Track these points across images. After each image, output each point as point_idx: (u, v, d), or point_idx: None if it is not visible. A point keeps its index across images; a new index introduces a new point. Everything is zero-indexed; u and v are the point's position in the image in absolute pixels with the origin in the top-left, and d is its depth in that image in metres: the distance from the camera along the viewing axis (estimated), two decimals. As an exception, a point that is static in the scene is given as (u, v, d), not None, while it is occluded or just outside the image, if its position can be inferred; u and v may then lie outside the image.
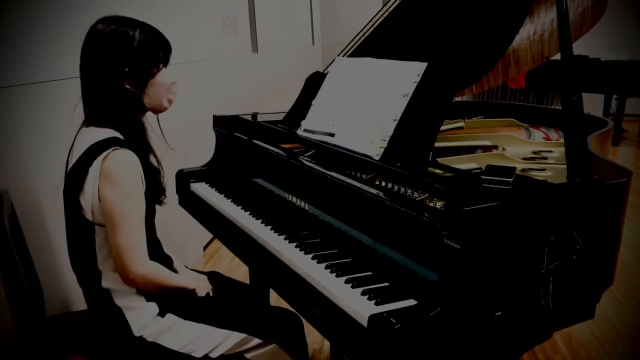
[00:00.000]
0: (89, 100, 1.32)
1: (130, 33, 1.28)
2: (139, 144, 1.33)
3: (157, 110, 1.40)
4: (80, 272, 1.37)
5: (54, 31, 1.78)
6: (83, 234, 1.30)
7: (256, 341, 1.43)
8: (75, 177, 1.27)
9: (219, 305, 1.50)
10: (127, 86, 1.30)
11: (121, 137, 1.30)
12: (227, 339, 1.39)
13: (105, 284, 1.32)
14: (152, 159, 1.40)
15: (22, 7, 1.64)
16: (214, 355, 1.37)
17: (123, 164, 1.24)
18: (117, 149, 1.24)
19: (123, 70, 1.28)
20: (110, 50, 1.28)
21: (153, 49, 1.32)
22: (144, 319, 1.33)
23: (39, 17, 1.71)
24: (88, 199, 1.25)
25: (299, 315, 1.52)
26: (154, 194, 1.37)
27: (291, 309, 1.53)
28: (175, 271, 1.49)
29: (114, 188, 1.23)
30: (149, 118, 1.44)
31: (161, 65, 1.35)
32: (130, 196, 1.25)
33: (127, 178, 1.24)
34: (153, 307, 1.35)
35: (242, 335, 1.40)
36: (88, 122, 1.33)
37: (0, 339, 1.47)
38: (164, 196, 1.45)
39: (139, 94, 1.32)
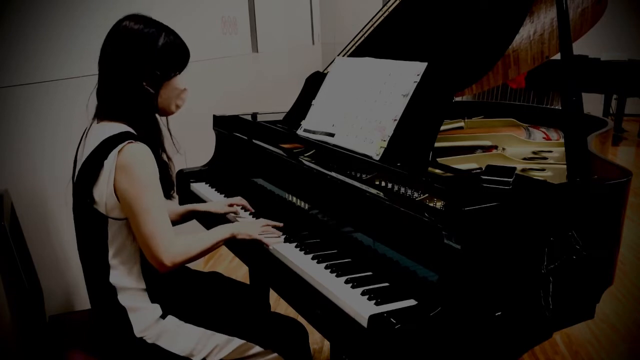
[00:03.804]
0: (104, 95, 1.33)
1: (156, 34, 1.31)
2: (151, 140, 1.34)
3: (164, 113, 1.41)
4: (88, 267, 1.37)
5: (54, 31, 1.78)
6: (95, 227, 1.30)
7: (257, 349, 1.41)
8: (89, 171, 1.27)
9: (221, 309, 1.49)
10: (144, 84, 1.32)
11: (133, 132, 1.31)
12: (228, 344, 1.38)
13: (112, 279, 1.32)
14: (163, 155, 1.41)
15: (22, 7, 1.64)
16: (212, 359, 1.37)
17: (138, 157, 1.25)
18: (132, 142, 1.26)
19: (144, 67, 1.30)
20: (135, 48, 1.29)
21: (175, 52, 1.35)
22: (146, 320, 1.33)
23: (39, 17, 1.71)
24: (102, 192, 1.26)
25: (303, 324, 1.51)
26: (164, 188, 1.37)
27: (296, 317, 1.52)
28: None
29: (132, 181, 1.24)
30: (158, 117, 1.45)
31: (177, 71, 1.37)
32: (148, 187, 1.26)
33: (143, 170, 1.25)
34: (156, 308, 1.35)
35: (243, 342, 1.40)
36: (100, 117, 1.34)
37: (0, 339, 1.47)
38: (173, 190, 1.46)
39: (153, 94, 1.33)
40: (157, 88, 1.34)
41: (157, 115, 1.41)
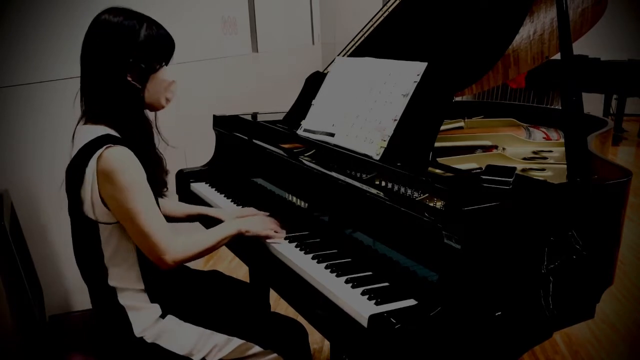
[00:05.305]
0: (87, 94, 1.31)
1: (137, 26, 1.28)
2: (138, 139, 1.31)
3: (154, 108, 1.38)
4: (85, 270, 1.37)
5: (54, 31, 1.78)
6: (87, 231, 1.29)
7: (257, 349, 1.41)
8: (73, 177, 1.27)
9: (221, 308, 1.49)
10: (129, 78, 1.29)
11: (114, 133, 1.28)
12: (227, 344, 1.38)
13: (111, 282, 1.32)
14: (153, 153, 1.39)
15: (22, 7, 1.64)
16: (212, 359, 1.36)
17: (119, 161, 1.22)
18: (110, 146, 1.22)
19: (127, 61, 1.27)
20: (115, 41, 1.26)
21: (158, 44, 1.31)
22: (146, 320, 1.33)
23: (39, 17, 1.71)
24: (88, 199, 1.25)
25: (303, 324, 1.51)
26: (155, 186, 1.36)
27: (296, 317, 1.52)
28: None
29: (116, 187, 1.22)
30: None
31: (163, 63, 1.34)
32: (134, 190, 1.23)
33: (126, 174, 1.22)
34: (156, 308, 1.35)
35: (242, 341, 1.39)
36: (85, 119, 1.33)
37: (0, 339, 1.47)
38: (165, 189, 1.44)
39: (139, 88, 1.31)
40: (143, 82, 1.30)
41: (146, 112, 1.39)
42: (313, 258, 1.36)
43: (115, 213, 1.25)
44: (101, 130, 1.27)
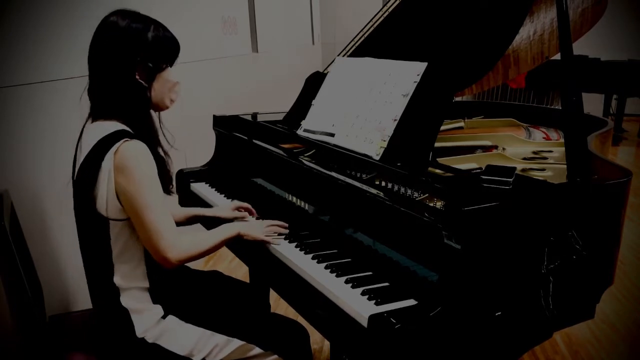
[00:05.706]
0: (96, 93, 1.33)
1: (144, 28, 1.31)
2: (147, 136, 1.34)
3: (158, 108, 1.40)
4: (91, 267, 1.37)
5: (54, 31, 1.78)
6: (97, 228, 1.30)
7: (257, 350, 1.41)
8: (87, 173, 1.27)
9: (221, 309, 1.49)
10: (137, 77, 1.31)
11: (128, 129, 1.30)
12: (227, 345, 1.38)
13: (116, 280, 1.32)
14: (160, 150, 1.41)
15: (22, 7, 1.64)
16: None
17: (135, 155, 1.25)
18: (127, 140, 1.25)
19: (135, 60, 1.29)
20: (124, 42, 1.29)
21: (164, 45, 1.34)
22: (148, 321, 1.33)
23: (39, 17, 1.71)
24: (103, 194, 1.25)
25: (304, 326, 1.51)
26: (162, 183, 1.37)
27: (296, 317, 1.52)
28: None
29: (131, 180, 1.23)
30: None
31: (168, 64, 1.37)
32: (147, 184, 1.25)
33: (141, 168, 1.25)
34: (158, 309, 1.35)
35: (242, 342, 1.39)
36: (94, 117, 1.34)
37: (0, 339, 1.47)
38: (171, 185, 1.45)
39: (146, 87, 1.33)
40: (150, 81, 1.33)
41: (151, 111, 1.41)
42: (313, 258, 1.36)
43: (126, 207, 1.26)
44: (115, 125, 1.29)
